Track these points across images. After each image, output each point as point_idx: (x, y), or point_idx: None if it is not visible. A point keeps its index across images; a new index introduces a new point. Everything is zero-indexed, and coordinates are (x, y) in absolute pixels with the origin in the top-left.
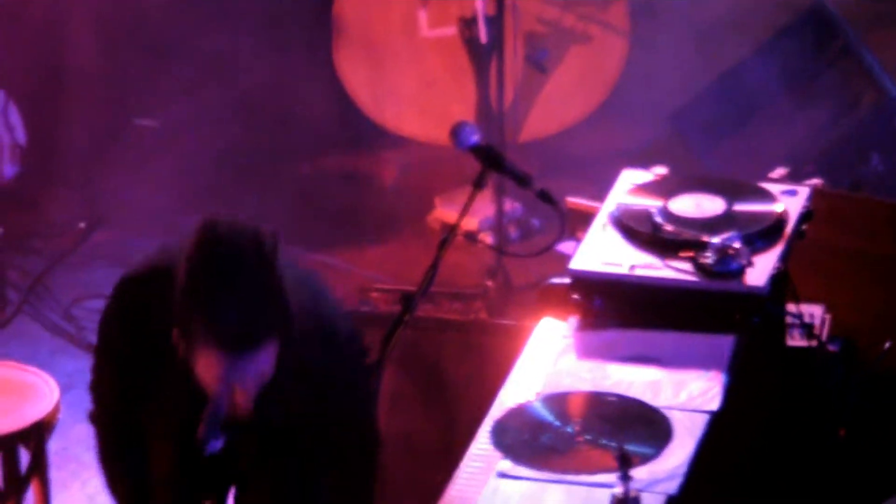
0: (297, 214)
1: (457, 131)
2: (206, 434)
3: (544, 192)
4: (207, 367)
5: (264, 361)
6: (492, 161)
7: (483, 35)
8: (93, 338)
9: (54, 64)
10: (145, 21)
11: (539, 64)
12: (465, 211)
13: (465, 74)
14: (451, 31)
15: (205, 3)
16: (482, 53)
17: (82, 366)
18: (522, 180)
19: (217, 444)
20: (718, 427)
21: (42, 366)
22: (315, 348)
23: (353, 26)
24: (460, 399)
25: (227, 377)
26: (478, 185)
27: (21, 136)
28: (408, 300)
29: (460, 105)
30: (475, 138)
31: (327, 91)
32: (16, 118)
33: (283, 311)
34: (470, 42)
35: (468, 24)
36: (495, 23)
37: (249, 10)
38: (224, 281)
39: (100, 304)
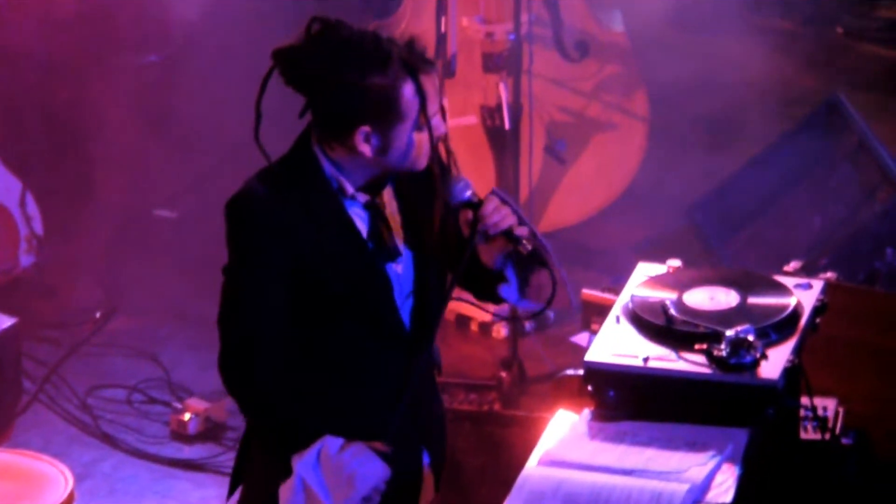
0: None
1: (450, 185)
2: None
3: (535, 253)
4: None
5: None
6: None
7: (507, 123)
8: (108, 428)
9: (74, 154)
10: (170, 113)
11: (557, 155)
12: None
13: (484, 163)
14: (472, 119)
15: (229, 96)
16: (504, 142)
17: (98, 455)
18: (512, 239)
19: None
20: None
21: (57, 455)
22: None
23: None
24: (474, 490)
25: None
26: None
27: (38, 226)
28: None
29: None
30: (468, 194)
31: None
32: (33, 209)
33: None
34: (492, 131)
35: (491, 112)
36: (515, 112)
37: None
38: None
39: (115, 393)
